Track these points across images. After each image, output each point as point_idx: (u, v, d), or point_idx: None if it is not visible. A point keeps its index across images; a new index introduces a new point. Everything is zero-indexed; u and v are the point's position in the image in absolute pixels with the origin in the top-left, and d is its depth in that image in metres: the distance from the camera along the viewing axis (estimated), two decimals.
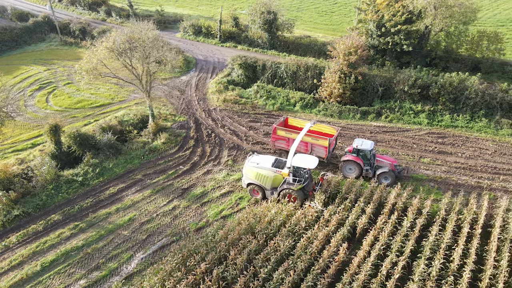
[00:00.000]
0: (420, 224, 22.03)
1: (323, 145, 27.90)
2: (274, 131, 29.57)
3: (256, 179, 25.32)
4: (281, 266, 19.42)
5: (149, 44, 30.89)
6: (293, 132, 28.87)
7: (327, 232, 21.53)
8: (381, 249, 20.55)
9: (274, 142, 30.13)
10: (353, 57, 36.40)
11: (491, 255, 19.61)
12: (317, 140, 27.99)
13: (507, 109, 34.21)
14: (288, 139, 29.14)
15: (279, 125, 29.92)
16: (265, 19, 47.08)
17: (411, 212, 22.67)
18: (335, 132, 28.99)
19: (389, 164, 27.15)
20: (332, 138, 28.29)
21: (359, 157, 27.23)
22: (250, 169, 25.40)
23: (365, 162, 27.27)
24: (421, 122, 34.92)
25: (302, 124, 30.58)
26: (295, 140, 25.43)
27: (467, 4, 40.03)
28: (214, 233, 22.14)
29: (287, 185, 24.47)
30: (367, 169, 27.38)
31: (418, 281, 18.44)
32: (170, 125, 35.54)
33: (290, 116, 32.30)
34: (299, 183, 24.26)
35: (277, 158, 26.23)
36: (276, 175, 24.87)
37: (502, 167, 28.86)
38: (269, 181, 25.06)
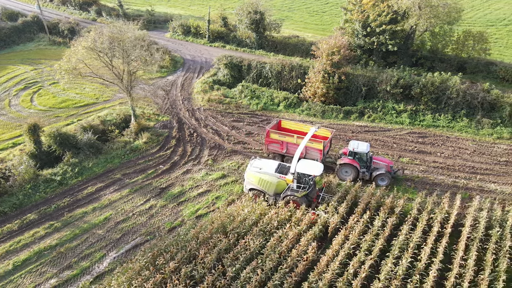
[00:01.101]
0: (392, 223, 22.11)
1: (318, 148, 27.41)
2: (268, 134, 28.90)
3: (258, 185, 24.62)
4: (249, 265, 19.51)
5: (128, 44, 30.80)
6: (287, 135, 28.40)
7: (298, 231, 21.61)
8: (351, 248, 20.61)
9: (268, 146, 29.48)
10: (336, 57, 36.49)
11: (458, 254, 19.69)
12: (311, 143, 27.24)
13: (488, 109, 34.31)
14: (282, 142, 28.60)
15: (272, 128, 29.39)
16: (252, 19, 47.11)
17: (383, 211, 22.75)
18: (330, 134, 28.57)
19: (385, 166, 26.94)
20: (327, 141, 27.85)
21: (355, 159, 26.89)
22: (253, 174, 24.67)
23: (361, 165, 26.97)
24: (403, 122, 35.01)
25: (296, 127, 30.19)
26: (300, 146, 24.53)
27: (452, 4, 40.18)
28: (186, 232, 22.21)
29: (291, 191, 23.92)
30: (363, 172, 26.99)
31: (384, 280, 18.51)
32: (153, 125, 35.61)
33: (283, 118, 31.83)
34: (303, 189, 23.71)
35: (280, 163, 25.52)
36: (280, 181, 24.22)
37: (480, 167, 28.96)
38: (272, 187, 24.36)
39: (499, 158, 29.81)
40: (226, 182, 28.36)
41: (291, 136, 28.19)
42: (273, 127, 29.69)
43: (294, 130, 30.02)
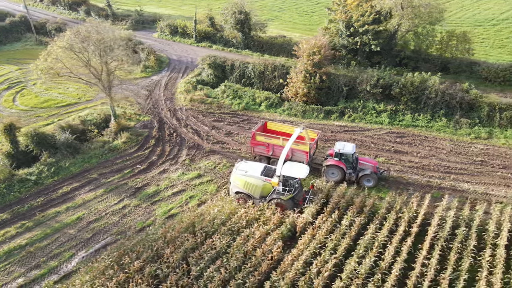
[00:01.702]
0: (359, 222, 22.20)
1: (304, 150, 27.24)
2: (253, 137, 28.70)
3: (244, 188, 24.42)
4: (214, 264, 19.60)
5: (106, 44, 30.85)
6: (273, 137, 28.14)
7: (265, 230, 21.69)
8: (317, 247, 20.69)
9: (254, 148, 29.28)
10: (317, 57, 36.56)
11: (422, 253, 19.77)
12: (297, 145, 27.05)
13: (467, 108, 34.39)
14: (268, 145, 28.36)
15: (258, 130, 29.12)
16: (237, 19, 47.18)
17: (351, 210, 22.83)
18: (316, 136, 28.36)
19: (371, 167, 26.74)
20: (313, 143, 27.68)
21: (342, 161, 26.69)
22: (238, 177, 24.50)
23: (348, 166, 26.78)
24: (383, 122, 35.10)
25: (282, 128, 29.97)
26: (285, 148, 24.24)
27: (434, 4, 40.26)
28: (154, 231, 22.29)
29: (276, 194, 23.70)
30: (350, 173, 26.79)
31: (347, 279, 18.59)
32: (134, 125, 35.70)
33: (268, 120, 31.63)
34: (289, 192, 23.54)
35: (266, 166, 25.32)
36: (265, 184, 24.01)
37: (455, 166, 29.04)
38: (258, 190, 24.15)
39: (474, 158, 29.89)
40: (202, 181, 28.45)
41: (276, 138, 27.92)
42: (258, 129, 29.40)
43: (280, 131, 29.75)
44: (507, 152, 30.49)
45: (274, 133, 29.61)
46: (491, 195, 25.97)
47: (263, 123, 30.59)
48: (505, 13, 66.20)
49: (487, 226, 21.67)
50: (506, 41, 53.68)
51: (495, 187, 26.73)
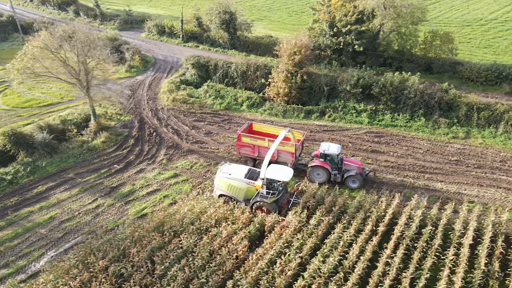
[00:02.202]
0: (328, 222, 22.26)
1: (289, 151, 27.02)
2: (239, 138, 28.43)
3: (228, 191, 24.12)
4: (179, 263, 19.67)
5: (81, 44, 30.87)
6: (259, 138, 27.87)
7: (232, 230, 21.75)
8: (283, 246, 20.74)
9: (239, 150, 29.02)
10: (297, 57, 36.64)
11: (386, 252, 19.85)
12: (283, 146, 26.81)
13: (445, 108, 34.50)
14: (254, 146, 28.12)
15: (243, 132, 28.87)
16: (222, 19, 47.27)
17: (320, 210, 22.89)
18: (301, 136, 28.14)
19: (356, 167, 26.54)
20: (299, 144, 27.48)
21: (327, 161, 26.46)
22: (222, 180, 24.17)
23: (333, 167, 26.55)
24: (362, 121, 35.19)
25: (268, 129, 29.80)
26: (269, 150, 23.78)
27: (416, 4, 40.35)
28: (123, 230, 22.35)
29: (260, 197, 23.31)
30: (335, 174, 26.56)
31: (309, 277, 18.65)
32: (114, 124, 35.75)
33: (254, 122, 31.33)
34: (272, 195, 23.15)
35: (250, 169, 25.11)
36: (249, 187, 23.70)
37: (430, 166, 29.13)
38: (242, 193, 23.88)
39: (450, 158, 29.98)
40: (177, 181, 28.50)
41: (262, 139, 27.62)
42: (244, 131, 29.11)
43: (266, 133, 29.44)
44: (483, 152, 30.60)
45: (259, 134, 29.32)
46: (464, 194, 26.08)
47: (248, 124, 30.28)
48: (494, 13, 66.34)
49: (454, 225, 21.72)
50: (492, 41, 53.82)
51: (468, 187, 26.82)
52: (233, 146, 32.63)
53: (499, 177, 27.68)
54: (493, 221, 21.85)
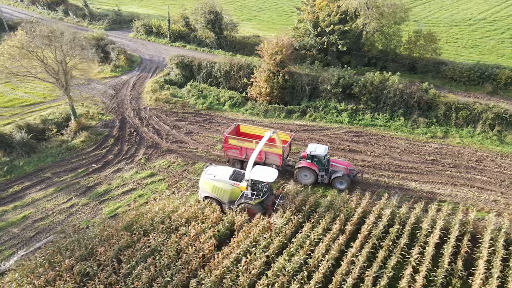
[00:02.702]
0: (297, 220, 22.34)
1: (277, 153, 26.83)
2: (226, 140, 28.04)
3: (213, 192, 23.99)
4: (145, 262, 19.73)
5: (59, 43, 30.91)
6: (246, 140, 27.64)
7: (201, 228, 21.82)
8: (251, 245, 20.82)
9: (226, 152, 28.71)
10: (279, 57, 36.71)
11: (351, 251, 19.94)
12: (270, 148, 26.70)
13: (425, 108, 34.60)
14: (241, 148, 27.82)
15: (230, 133, 28.59)
16: (207, 19, 47.34)
17: (290, 209, 22.96)
18: (289, 138, 28.00)
19: (343, 168, 26.37)
20: (286, 145, 27.36)
21: (314, 163, 26.27)
22: (207, 182, 24.04)
23: (320, 168, 26.36)
24: (343, 121, 35.27)
25: (255, 131, 29.44)
26: (254, 152, 23.79)
27: (398, 4, 40.45)
28: (92, 230, 22.40)
29: (245, 199, 23.26)
30: (322, 175, 26.41)
31: (273, 276, 18.72)
32: (95, 124, 35.80)
33: (241, 123, 31.01)
34: (257, 197, 23.12)
35: (235, 170, 24.99)
36: (234, 188, 23.58)
37: (406, 165, 29.23)
38: (227, 195, 23.76)
39: (426, 157, 30.08)
40: (153, 180, 28.58)
41: (249, 141, 27.33)
42: (231, 132, 28.84)
43: (253, 134, 29.11)
44: (460, 151, 30.70)
45: (247, 136, 29.09)
46: (437, 193, 26.18)
47: (235, 126, 29.95)
48: (483, 13, 66.46)
49: (422, 224, 21.82)
50: (479, 41, 53.92)
51: (441, 186, 26.93)
52: (212, 145, 32.74)
53: (473, 177, 27.79)
54: (461, 220, 21.94)
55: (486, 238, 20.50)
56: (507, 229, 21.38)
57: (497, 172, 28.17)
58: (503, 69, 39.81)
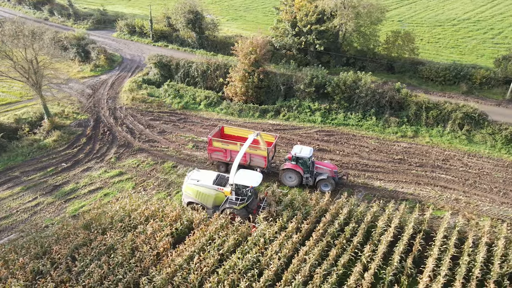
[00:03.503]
0: (253, 220, 22.45)
1: (262, 155, 26.64)
2: (210, 143, 27.76)
3: (196, 198, 23.57)
4: (99, 260, 19.85)
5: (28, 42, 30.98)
6: (230, 143, 27.35)
7: (158, 226, 21.93)
8: (206, 243, 20.92)
9: (211, 154, 28.43)
10: (253, 56, 36.85)
11: (303, 249, 20.06)
12: (255, 150, 26.48)
13: (396, 107, 34.75)
14: (226, 151, 27.55)
15: (214, 136, 28.29)
16: (187, 19, 47.47)
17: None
18: (273, 139, 27.75)
19: (328, 171, 26.09)
20: (271, 147, 27.11)
21: (299, 164, 26.07)
22: (190, 187, 23.61)
23: (305, 170, 26.16)
24: (316, 120, 35.42)
25: (239, 133, 29.18)
26: (238, 155, 23.52)
27: (374, 4, 40.64)
28: (51, 228, 22.50)
29: (229, 204, 22.79)
30: (307, 177, 26.18)
31: (224, 274, 18.84)
32: (69, 123, 35.90)
33: (225, 125, 30.76)
34: (242, 201, 22.64)
35: (219, 174, 24.51)
36: (218, 193, 23.15)
37: (373, 164, 29.38)
38: (211, 200, 23.31)
39: (394, 156, 30.24)
40: (121, 179, 28.70)
41: (234, 143, 27.07)
42: (215, 135, 28.48)
43: (238, 136, 28.93)
44: (428, 151, 30.87)
45: (232, 138, 28.87)
46: (399, 192, 26.35)
47: (219, 128, 29.67)
48: (468, 13, 66.74)
49: (377, 222, 21.97)
50: (461, 41, 54.17)
51: (406, 185, 27.08)
52: (183, 144, 32.86)
53: (438, 176, 27.96)
54: (416, 219, 22.10)
55: (439, 236, 20.64)
56: (461, 228, 21.53)
57: (462, 171, 28.34)
58: (479, 69, 40.06)
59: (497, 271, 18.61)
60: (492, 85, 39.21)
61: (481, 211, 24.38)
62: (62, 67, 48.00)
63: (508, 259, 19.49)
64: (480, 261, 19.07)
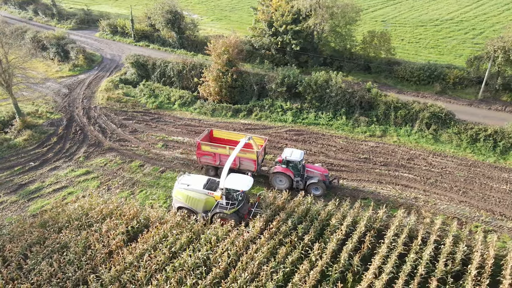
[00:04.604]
0: (206, 220, 22.61)
1: (251, 158, 26.37)
2: (199, 147, 27.33)
3: (186, 203, 23.16)
4: (51, 258, 20.00)
5: None
6: (219, 146, 27.07)
7: (114, 225, 22.08)
8: (158, 241, 21.07)
9: (200, 158, 27.98)
10: (225, 56, 37.02)
11: (253, 248, 20.21)
12: (244, 154, 26.10)
13: (366, 107, 34.95)
14: (215, 154, 27.21)
15: (203, 139, 27.93)
16: (166, 19, 47.66)
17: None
18: (263, 142, 27.45)
19: (319, 175, 25.86)
20: (260, 150, 26.80)
21: (289, 168, 25.79)
22: (180, 192, 23.21)
23: (296, 173, 25.89)
24: (287, 120, 35.61)
25: (229, 136, 29.00)
26: (228, 160, 23.11)
27: (350, 5, 40.87)
28: (8, 227, 22.64)
29: (219, 208, 22.45)
30: (297, 181, 25.90)
31: (171, 272, 18.99)
32: (42, 123, 36.02)
33: (214, 128, 30.40)
34: (232, 206, 22.34)
35: (209, 179, 24.18)
36: (208, 198, 22.85)
37: (338, 163, 29.55)
38: (201, 205, 22.94)
39: (360, 155, 30.43)
40: (87, 178, 28.82)
41: (223, 147, 26.82)
42: (204, 138, 28.10)
43: (227, 139, 28.67)
44: (394, 150, 31.07)
45: (221, 141, 28.67)
46: (361, 191, 26.53)
47: (209, 131, 29.29)
48: (451, 13, 67.01)
49: (331, 220, 22.15)
50: (441, 41, 54.44)
51: (368, 184, 27.27)
52: (153, 144, 33.01)
53: (400, 175, 28.16)
54: (369, 217, 22.29)
55: (389, 234, 20.84)
56: (413, 226, 21.72)
57: (425, 170, 28.54)
58: (453, 69, 40.36)
59: (442, 268, 18.79)
60: (466, 85, 39.56)
61: (438, 209, 24.59)
62: (41, 66, 48.38)
63: (455, 257, 19.69)
64: (425, 258, 19.26)
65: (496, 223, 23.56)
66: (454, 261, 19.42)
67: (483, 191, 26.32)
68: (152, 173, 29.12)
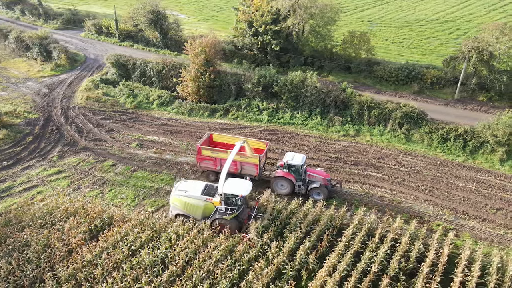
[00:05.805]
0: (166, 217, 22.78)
1: (253, 163, 25.93)
2: (199, 151, 26.95)
3: (184, 209, 22.74)
4: (11, 256, 20.15)
5: None
6: (220, 151, 26.54)
7: (77, 223, 22.23)
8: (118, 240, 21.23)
9: (200, 163, 27.62)
10: (202, 56, 37.18)
11: (210, 246, 20.38)
12: (246, 158, 25.76)
13: (341, 107, 35.13)
14: (215, 159, 26.77)
15: (203, 144, 27.54)
16: (148, 19, 47.83)
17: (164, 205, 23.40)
18: (265, 147, 27.23)
19: (321, 179, 25.46)
20: (262, 154, 26.50)
21: (291, 172, 25.41)
22: (178, 198, 22.78)
23: (297, 178, 25.45)
24: (263, 119, 35.77)
25: (229, 140, 28.55)
26: (225, 164, 22.84)
27: (328, 5, 41.08)
28: None
29: (218, 214, 22.07)
30: (299, 185, 25.48)
31: (128, 269, 19.16)
32: (19, 122, 36.13)
33: (214, 133, 30.03)
34: (232, 211, 22.05)
35: (207, 184, 23.70)
36: (207, 204, 22.37)
37: (309, 163, 29.64)
38: (199, 211, 22.49)
39: (332, 155, 30.60)
40: (58, 177, 28.95)
41: (224, 151, 26.22)
42: (204, 143, 27.67)
43: (227, 143, 28.29)
44: (366, 149, 31.25)
45: (220, 145, 28.29)
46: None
47: (208, 136, 28.91)
48: (438, 14, 67.20)
49: (291, 219, 22.32)
50: (425, 41, 54.66)
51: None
52: (127, 143, 33.16)
53: (369, 174, 28.35)
54: (331, 215, 22.46)
55: (347, 233, 21.01)
56: (371, 224, 21.91)
57: (394, 170, 28.74)
58: (431, 69, 40.58)
59: (395, 266, 18.96)
60: (443, 85, 39.80)
61: (402, 208, 24.78)
62: (23, 66, 48.52)
63: (410, 255, 19.87)
64: (380, 256, 19.44)
65: (458, 222, 23.77)
66: (409, 259, 19.60)
67: (449, 190, 26.53)
68: (123, 173, 29.28)
